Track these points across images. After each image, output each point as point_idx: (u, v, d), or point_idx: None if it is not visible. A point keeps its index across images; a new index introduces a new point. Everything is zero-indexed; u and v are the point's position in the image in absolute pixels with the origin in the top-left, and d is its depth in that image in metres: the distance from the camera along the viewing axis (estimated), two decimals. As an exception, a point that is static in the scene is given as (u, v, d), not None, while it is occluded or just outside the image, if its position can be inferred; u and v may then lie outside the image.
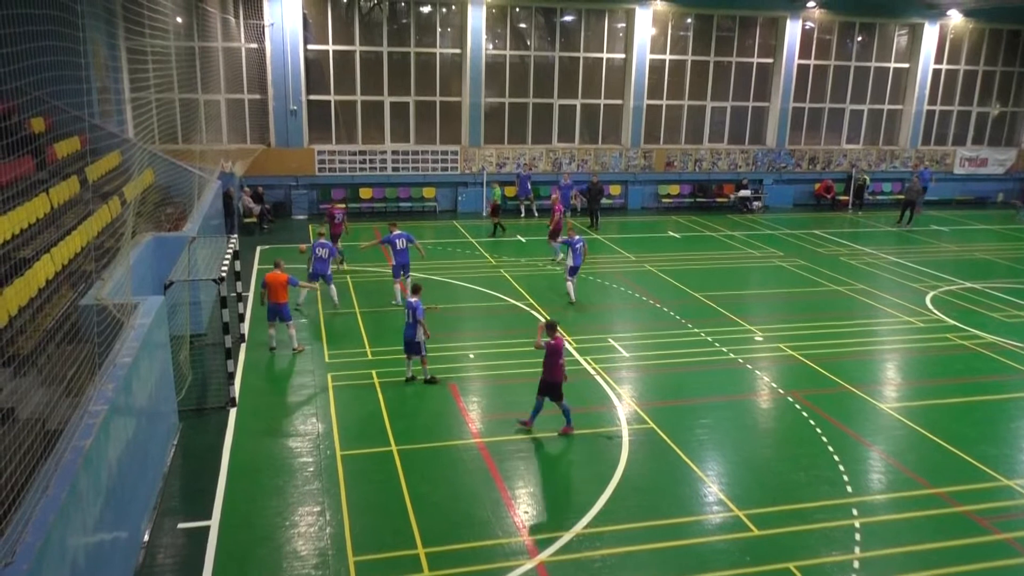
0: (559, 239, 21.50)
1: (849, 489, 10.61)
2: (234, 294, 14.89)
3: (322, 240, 17.38)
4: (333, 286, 17.47)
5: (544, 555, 9.00)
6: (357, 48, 28.31)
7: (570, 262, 18.30)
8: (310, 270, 17.30)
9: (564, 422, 11.97)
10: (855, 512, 10.05)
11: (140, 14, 15.05)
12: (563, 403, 11.90)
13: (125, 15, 20.09)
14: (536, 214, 29.12)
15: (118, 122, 21.60)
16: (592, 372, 14.33)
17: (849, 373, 14.59)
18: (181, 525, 9.45)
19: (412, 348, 13.40)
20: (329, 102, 28.63)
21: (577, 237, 18.43)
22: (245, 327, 15.89)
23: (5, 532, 5.59)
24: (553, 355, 11.67)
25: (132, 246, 12.42)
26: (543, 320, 12.19)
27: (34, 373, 8.55)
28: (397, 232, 17.86)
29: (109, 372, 8.37)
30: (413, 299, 13.39)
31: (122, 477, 8.12)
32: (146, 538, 9.10)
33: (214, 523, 9.46)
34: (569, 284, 18.37)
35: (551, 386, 11.82)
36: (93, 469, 7.06)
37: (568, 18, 30.17)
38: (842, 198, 33.01)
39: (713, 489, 10.55)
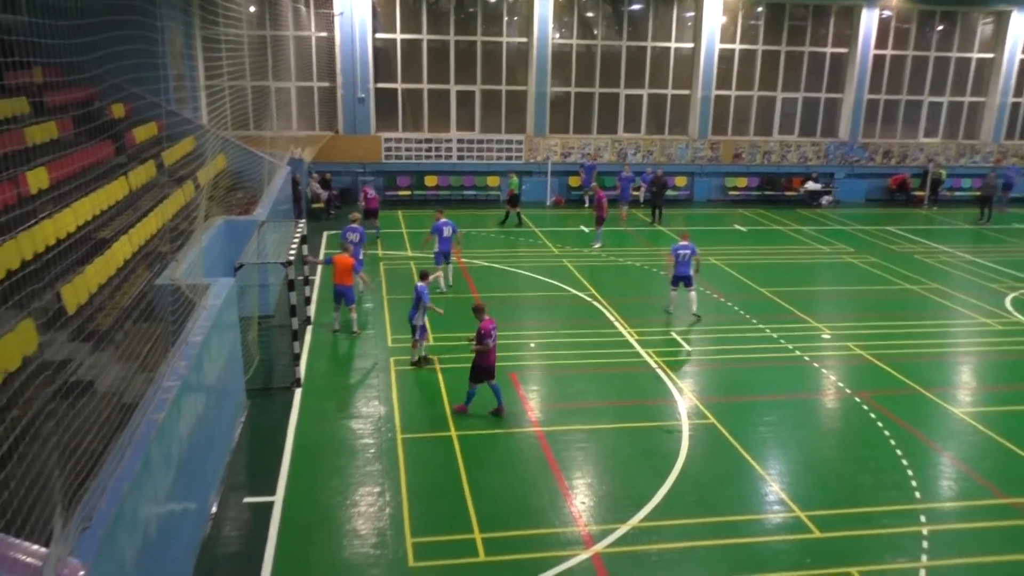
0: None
1: (917, 495, 10.29)
2: (301, 277, 15.20)
3: (353, 225, 17.18)
4: (363, 273, 17.10)
5: (600, 546, 8.98)
6: (424, 37, 28.51)
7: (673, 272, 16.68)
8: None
9: (497, 403, 12.12)
10: (923, 519, 9.74)
11: (215, 3, 15.44)
12: (494, 383, 12.05)
13: (201, 4, 20.62)
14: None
15: (193, 108, 22.24)
16: (654, 366, 14.20)
17: (921, 375, 14.12)
18: (247, 499, 9.73)
19: (414, 330, 13.68)
20: (396, 90, 28.93)
21: (684, 242, 16.60)
22: (311, 310, 16.22)
23: (83, 499, 5.83)
24: (486, 339, 11.75)
25: (205, 229, 12.78)
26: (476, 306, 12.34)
27: (112, 349, 8.89)
28: (443, 220, 18.04)
29: (181, 350, 8.64)
30: (420, 284, 13.58)
31: (192, 451, 8.39)
32: (213, 510, 9.39)
33: (278, 499, 9.71)
34: (673, 294, 16.86)
35: (486, 370, 11.89)
36: (165, 442, 7.31)
37: (636, 7, 29.81)
38: (917, 193, 31.90)
39: (774, 488, 10.36)
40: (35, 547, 5.00)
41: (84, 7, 7.47)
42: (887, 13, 31.08)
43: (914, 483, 10.56)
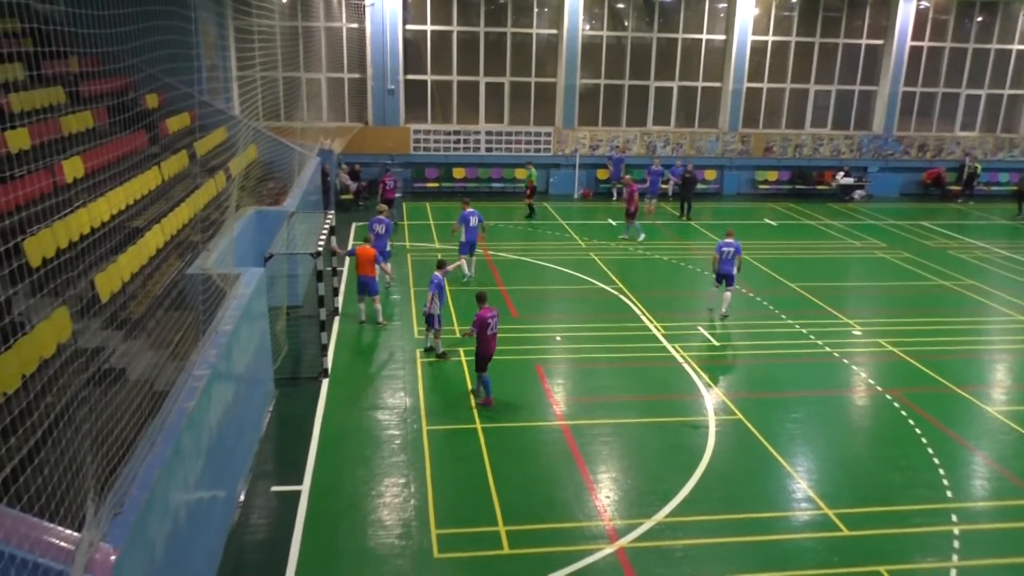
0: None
1: (949, 494, 10.14)
2: (329, 268, 15.30)
3: (380, 216, 17.27)
4: (389, 264, 17.23)
5: (625, 541, 8.96)
6: (454, 28, 28.49)
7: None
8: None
9: (485, 394, 12.21)
10: (954, 518, 9.59)
11: (248, -6, 15.52)
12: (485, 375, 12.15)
13: (234, -5, 20.79)
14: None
15: (225, 99, 22.42)
16: (680, 360, 14.11)
17: (954, 372, 13.89)
18: (274, 488, 9.84)
19: (427, 320, 13.78)
20: (425, 82, 28.95)
21: (729, 240, 16.04)
22: (339, 300, 16.33)
23: (115, 485, 5.93)
24: (483, 328, 11.83)
25: (236, 219, 12.90)
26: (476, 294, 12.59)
27: (144, 337, 9.01)
28: (469, 210, 18.15)
29: (212, 339, 8.74)
30: (436, 273, 13.67)
31: (221, 439, 8.49)
32: (241, 498, 9.51)
33: (305, 488, 9.80)
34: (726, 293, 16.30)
35: (488, 359, 12.03)
36: (195, 430, 7.41)
37: (668, -2, 29.55)
38: (953, 188, 31.31)
39: (802, 485, 10.25)
40: (68, 532, 5.09)
41: (120, -2, 7.55)
42: (924, 4, 30.49)
43: (945, 482, 10.40)
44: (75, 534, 5.07)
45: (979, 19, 31.13)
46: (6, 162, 8.98)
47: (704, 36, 29.78)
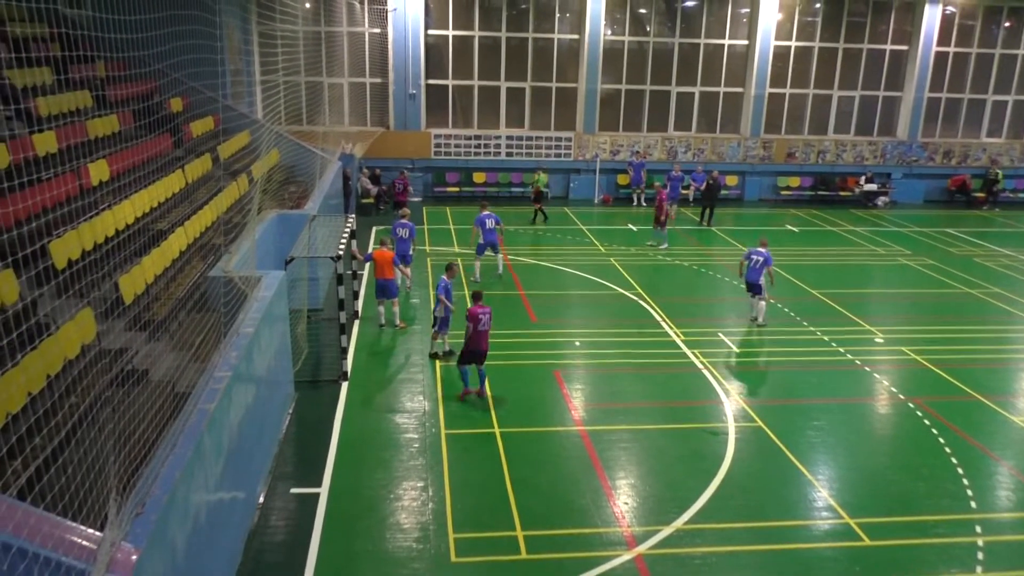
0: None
1: (973, 504, 9.99)
2: (349, 271, 15.37)
3: (403, 220, 17.37)
4: (409, 268, 17.26)
5: (643, 548, 8.92)
6: (476, 33, 28.58)
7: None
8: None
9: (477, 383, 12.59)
10: (979, 529, 9.46)
11: (272, 0, 15.68)
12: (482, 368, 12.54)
13: (258, 1, 20.99)
14: (645, 204, 28.57)
15: (248, 103, 22.64)
16: (700, 366, 14.03)
17: (979, 381, 13.70)
18: (293, 490, 9.89)
19: (436, 322, 13.95)
20: (447, 87, 29.06)
21: (761, 249, 15.96)
22: (359, 304, 16.40)
23: (137, 485, 5.98)
24: (475, 322, 12.14)
25: (257, 222, 13.00)
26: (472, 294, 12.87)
27: (166, 339, 9.10)
28: (487, 212, 18.28)
29: (233, 341, 8.80)
30: (443, 277, 13.75)
31: (241, 441, 8.55)
32: (261, 500, 9.56)
33: (323, 490, 9.84)
34: (757, 302, 16.21)
35: (473, 354, 12.32)
36: (216, 431, 7.46)
37: (690, 3, 29.45)
38: (978, 195, 30.93)
39: (823, 494, 10.15)
40: (90, 531, 5.14)
41: (146, 2, 7.65)
42: (951, 9, 30.18)
43: (970, 492, 10.25)
44: (97, 533, 5.12)
45: (1006, 24, 30.77)
46: (34, 165, 9.13)
47: (726, 41, 29.67)
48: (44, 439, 6.23)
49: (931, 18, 29.72)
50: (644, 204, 28.53)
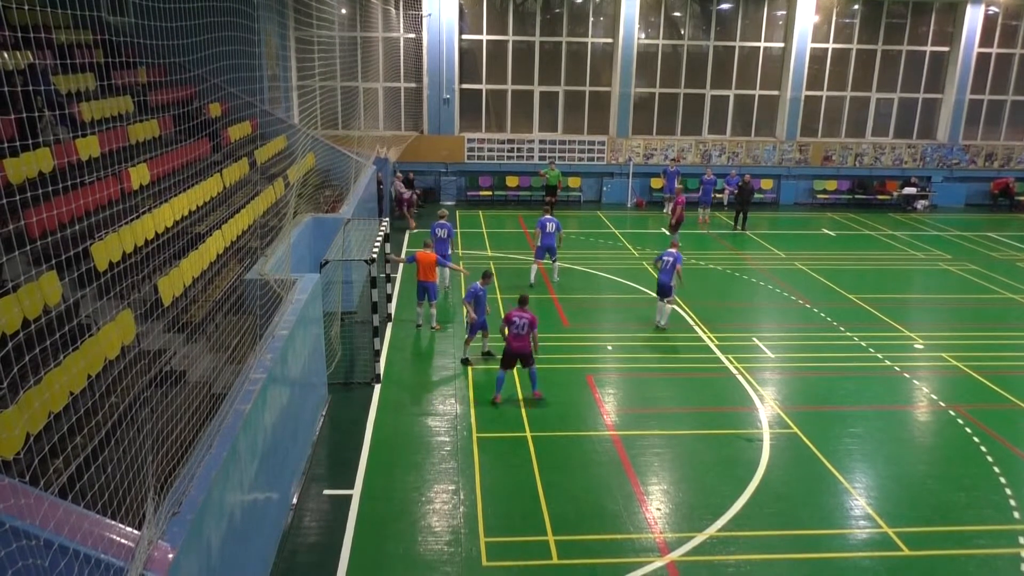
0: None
1: (1016, 515, 9.75)
2: (383, 275, 15.48)
3: (441, 221, 17.39)
4: (456, 264, 17.40)
5: (675, 554, 8.84)
6: (510, 38, 28.64)
7: None
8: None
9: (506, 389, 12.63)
10: (1022, 540, 9.23)
11: (309, 6, 15.88)
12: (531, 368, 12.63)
13: (295, 7, 21.25)
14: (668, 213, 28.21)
15: (285, 108, 22.94)
16: (734, 372, 13.89)
17: (1022, 389, 13.38)
18: (326, 492, 9.97)
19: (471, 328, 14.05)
20: (481, 91, 29.16)
21: (671, 250, 15.88)
22: (392, 307, 16.50)
23: (174, 485, 6.08)
24: (509, 326, 12.32)
25: (293, 226, 13.15)
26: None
27: (203, 340, 9.24)
28: (548, 216, 18.38)
29: (268, 343, 8.91)
30: (477, 284, 13.73)
31: (275, 442, 8.64)
32: (294, 501, 9.66)
33: (356, 492, 9.91)
34: None
35: (511, 357, 12.42)
36: (251, 432, 7.55)
37: (725, 6, 29.23)
38: (1022, 198, 30.22)
39: (860, 503, 9.98)
40: (128, 529, 5.23)
41: (187, 9, 7.79)
42: (993, 9, 29.57)
43: (1013, 503, 10.01)
44: (135, 532, 5.21)
45: (1051, 24, 30.06)
46: (77, 169, 9.33)
47: (762, 44, 29.38)
48: (85, 438, 6.36)
49: (973, 19, 29.14)
50: (668, 214, 28.25)
